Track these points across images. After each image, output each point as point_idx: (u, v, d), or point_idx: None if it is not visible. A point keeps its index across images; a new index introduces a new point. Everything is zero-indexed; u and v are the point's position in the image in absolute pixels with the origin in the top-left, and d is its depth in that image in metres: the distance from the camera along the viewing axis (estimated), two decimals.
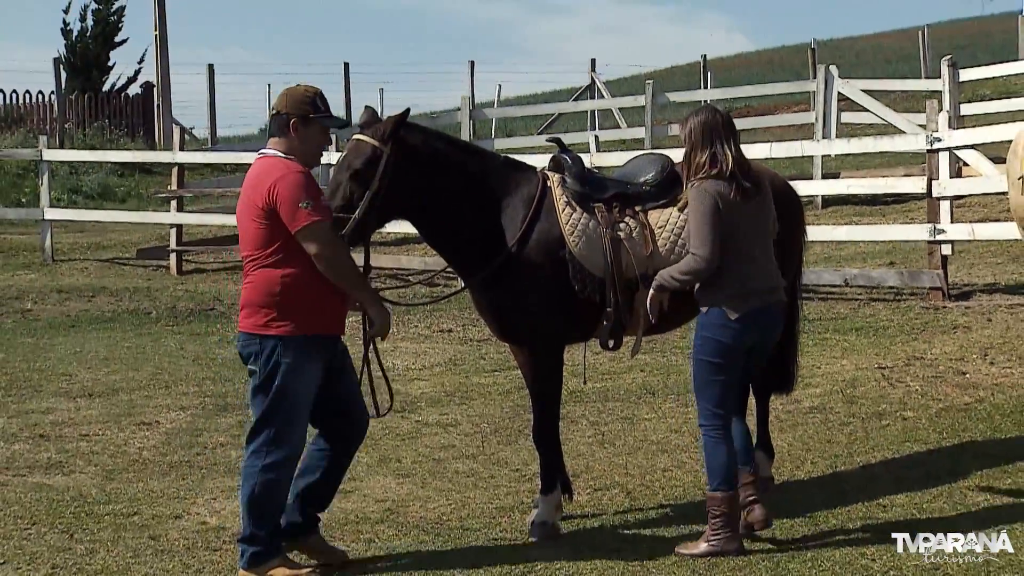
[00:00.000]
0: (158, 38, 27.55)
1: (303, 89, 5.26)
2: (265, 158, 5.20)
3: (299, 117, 5.16)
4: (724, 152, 5.36)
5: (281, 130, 5.18)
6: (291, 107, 5.17)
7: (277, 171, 5.08)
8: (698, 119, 5.45)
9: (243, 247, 5.23)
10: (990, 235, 11.43)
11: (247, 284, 5.20)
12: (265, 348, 5.11)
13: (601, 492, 6.43)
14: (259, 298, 5.13)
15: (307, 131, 5.18)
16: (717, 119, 5.44)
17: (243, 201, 5.20)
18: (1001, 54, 27.46)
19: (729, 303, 5.36)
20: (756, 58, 45.20)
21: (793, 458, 6.82)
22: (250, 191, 5.15)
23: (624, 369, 9.12)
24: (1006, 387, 7.99)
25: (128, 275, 15.53)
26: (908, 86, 21.14)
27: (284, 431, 5.16)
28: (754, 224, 5.41)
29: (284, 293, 5.08)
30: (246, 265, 5.22)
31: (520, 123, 27.94)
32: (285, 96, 5.24)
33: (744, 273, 5.36)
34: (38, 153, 16.93)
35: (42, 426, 8.17)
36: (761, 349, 5.57)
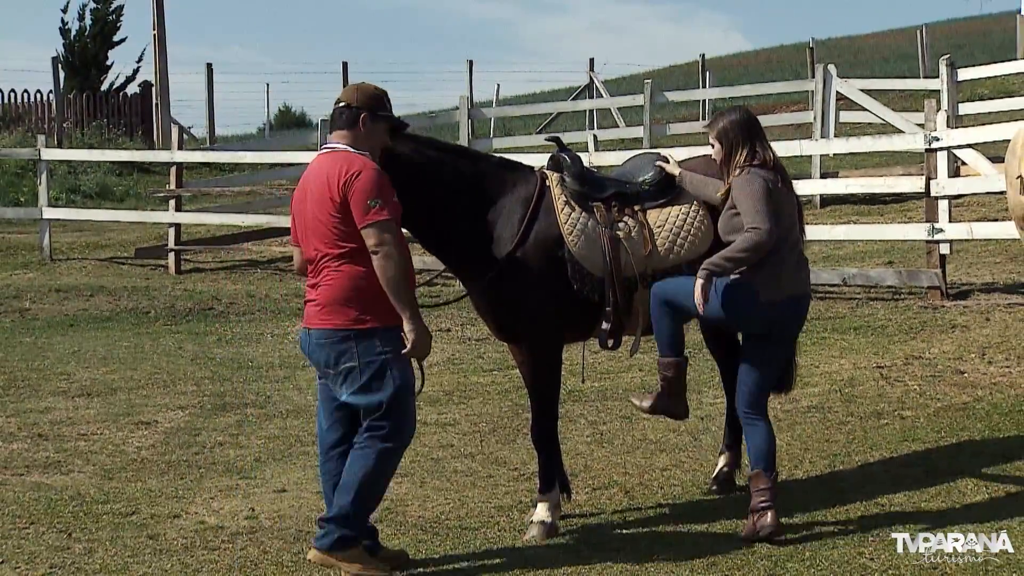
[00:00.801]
0: (156, 37, 27.54)
1: (373, 87, 5.29)
2: (336, 152, 5.14)
3: (369, 112, 5.17)
4: (763, 146, 5.52)
5: (350, 123, 5.16)
6: (362, 101, 5.18)
7: (354, 165, 5.07)
8: (732, 118, 5.57)
9: (314, 243, 5.11)
10: (988, 234, 11.44)
11: (326, 281, 5.09)
12: (364, 343, 5.07)
13: (600, 491, 6.43)
14: (344, 294, 5.06)
15: (374, 127, 5.20)
16: (751, 118, 5.62)
17: (314, 196, 5.09)
18: (999, 54, 27.47)
19: (762, 284, 5.43)
20: (754, 57, 45.21)
21: (792, 457, 6.82)
22: (323, 185, 5.05)
23: (623, 368, 9.13)
24: (1004, 386, 8.00)
25: (126, 274, 15.52)
26: (906, 85, 21.14)
27: (403, 421, 5.17)
28: (790, 215, 5.54)
29: (372, 286, 5.05)
30: (319, 262, 5.11)
31: (519, 122, 27.94)
32: (356, 90, 5.23)
33: (781, 259, 5.45)
34: (36, 152, 16.91)
35: (40, 425, 8.17)
36: (779, 337, 5.58)
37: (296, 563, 5.49)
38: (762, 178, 5.45)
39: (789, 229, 5.54)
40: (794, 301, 5.56)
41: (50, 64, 26.20)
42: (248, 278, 15.10)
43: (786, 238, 5.49)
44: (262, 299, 13.51)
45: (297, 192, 5.28)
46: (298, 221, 5.26)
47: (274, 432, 7.96)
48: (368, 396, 5.10)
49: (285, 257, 15.89)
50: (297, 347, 10.73)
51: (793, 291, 5.53)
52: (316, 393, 8.68)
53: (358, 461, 5.13)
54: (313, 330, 5.16)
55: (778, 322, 5.54)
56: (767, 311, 5.47)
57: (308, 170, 5.24)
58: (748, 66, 40.57)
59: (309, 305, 5.21)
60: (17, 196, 20.19)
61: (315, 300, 5.15)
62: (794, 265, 5.57)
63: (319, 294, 5.13)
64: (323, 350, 5.13)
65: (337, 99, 5.26)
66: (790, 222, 5.55)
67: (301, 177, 5.28)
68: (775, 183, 5.48)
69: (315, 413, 8.34)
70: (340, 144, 5.17)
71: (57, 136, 24.32)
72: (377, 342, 5.09)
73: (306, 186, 5.19)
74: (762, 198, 5.40)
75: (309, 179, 5.18)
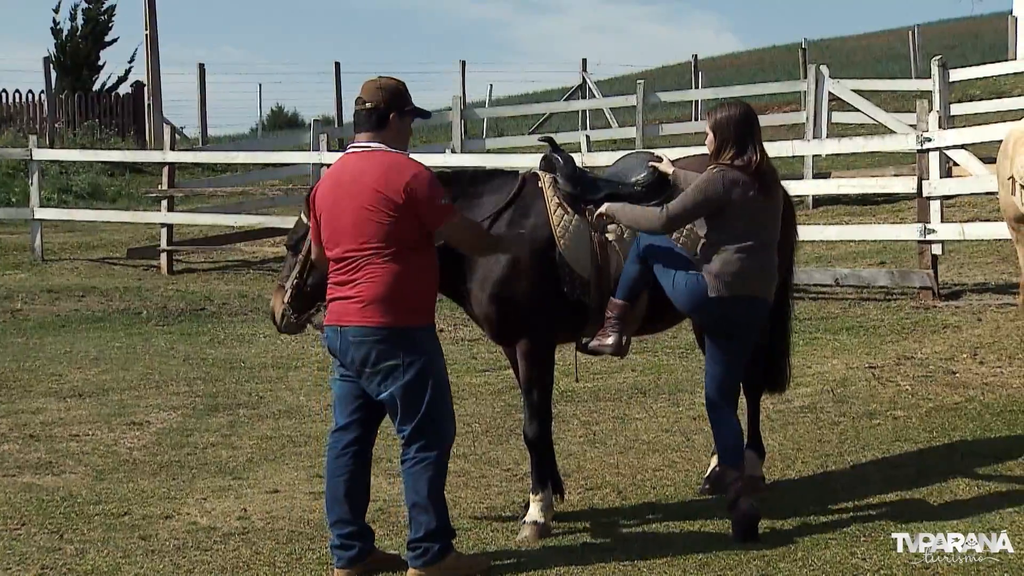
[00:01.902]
0: (148, 37, 27.51)
1: (395, 82, 5.26)
2: (374, 152, 5.12)
3: (397, 112, 5.17)
4: (754, 147, 5.51)
5: (379, 123, 5.14)
6: (389, 100, 5.16)
7: (409, 168, 5.08)
8: (729, 113, 5.57)
9: (353, 241, 5.05)
10: (980, 235, 11.47)
11: (369, 279, 5.04)
12: (408, 341, 5.05)
13: (592, 491, 6.43)
14: (388, 291, 5.02)
15: (402, 123, 5.21)
16: (750, 116, 5.61)
17: (358, 195, 5.04)
18: (991, 54, 27.52)
19: (712, 280, 5.46)
20: (747, 58, 45.20)
21: (784, 457, 6.83)
22: (374, 185, 5.01)
23: (615, 369, 9.13)
24: (996, 386, 8.01)
25: (118, 275, 15.49)
26: (898, 86, 21.18)
27: (444, 423, 5.17)
28: (764, 219, 5.51)
29: (414, 285, 5.06)
30: (357, 260, 5.06)
31: (511, 123, 27.92)
32: (379, 90, 5.19)
33: (737, 259, 5.43)
34: (28, 153, 16.89)
35: (32, 426, 8.15)
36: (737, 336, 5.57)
37: (289, 564, 5.49)
38: (723, 185, 5.42)
39: (755, 233, 5.46)
40: (747, 302, 5.50)
41: (42, 64, 26.19)
42: (240, 279, 15.08)
43: (751, 241, 5.43)
44: (254, 299, 13.49)
45: (324, 192, 5.19)
46: (325, 219, 5.17)
47: (267, 433, 7.95)
48: (409, 395, 5.06)
49: (278, 258, 15.86)
50: (289, 347, 10.83)
51: (748, 292, 5.48)
52: (307, 393, 8.64)
53: (420, 477, 5.10)
54: (350, 327, 5.07)
55: (730, 321, 5.52)
56: (716, 307, 5.47)
57: (339, 170, 5.18)
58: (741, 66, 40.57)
59: (342, 303, 5.10)
60: (8, 196, 20.16)
61: (354, 297, 5.06)
62: (757, 269, 5.49)
63: (360, 291, 5.05)
64: (362, 347, 5.06)
65: (360, 99, 5.20)
66: (756, 227, 5.47)
67: (325, 178, 5.23)
68: (744, 192, 5.42)
69: (307, 414, 8.41)
70: (373, 144, 5.14)
71: (49, 136, 24.28)
72: (420, 341, 5.09)
73: (340, 186, 5.11)
74: (697, 202, 5.43)
75: (344, 179, 5.12)
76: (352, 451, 5.27)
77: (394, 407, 5.11)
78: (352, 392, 5.23)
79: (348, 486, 5.26)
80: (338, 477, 5.27)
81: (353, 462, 5.26)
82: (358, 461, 5.28)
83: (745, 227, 5.45)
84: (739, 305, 5.50)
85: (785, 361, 6.61)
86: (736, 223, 5.45)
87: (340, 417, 5.32)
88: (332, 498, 5.29)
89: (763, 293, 5.59)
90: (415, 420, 5.08)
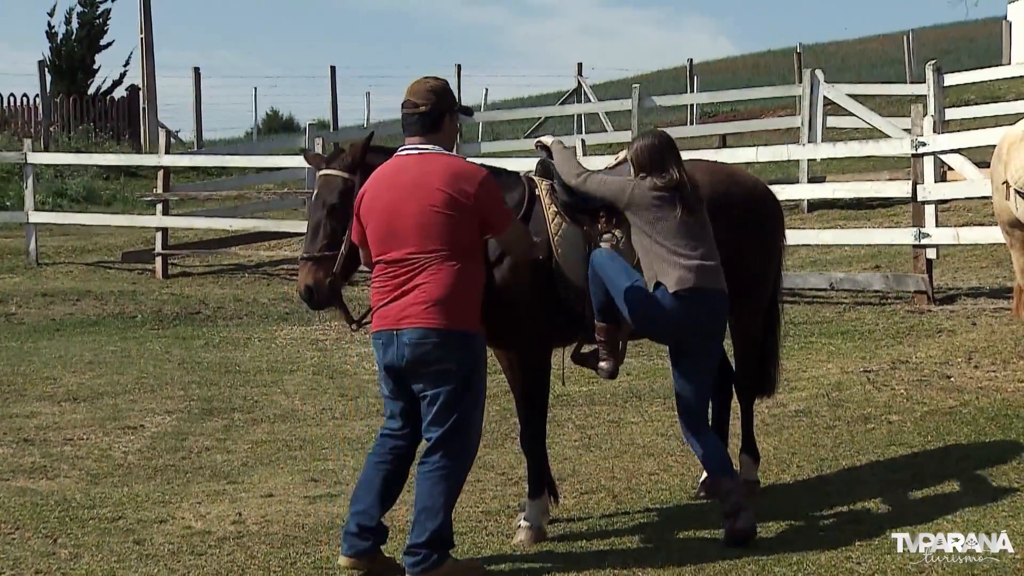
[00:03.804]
0: (144, 41, 27.51)
1: (442, 82, 5.26)
2: (431, 154, 5.11)
3: (449, 111, 5.19)
4: (674, 169, 5.56)
5: (434, 126, 5.14)
6: (442, 102, 5.17)
7: (476, 172, 5.11)
8: (644, 143, 5.67)
9: (414, 243, 5.00)
10: (974, 239, 11.48)
11: (433, 279, 4.98)
12: (465, 346, 5.03)
13: (588, 496, 6.43)
14: (452, 293, 4.98)
15: (452, 123, 5.24)
16: (664, 143, 5.65)
17: (421, 197, 5.00)
18: (985, 59, 27.60)
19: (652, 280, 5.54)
20: (742, 62, 45.28)
21: (779, 461, 6.83)
22: (440, 187, 4.99)
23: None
24: (990, 390, 8.02)
25: (113, 278, 15.48)
26: (893, 90, 21.21)
27: (475, 436, 5.20)
28: (692, 233, 5.52)
29: (472, 290, 5.06)
30: (422, 261, 4.99)
31: (507, 127, 27.93)
32: (431, 92, 5.17)
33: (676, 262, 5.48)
34: (23, 156, 16.87)
35: (26, 430, 8.13)
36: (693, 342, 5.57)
37: (283, 568, 5.48)
38: (638, 189, 5.53)
39: (686, 245, 5.48)
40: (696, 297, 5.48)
41: (36, 68, 26.14)
42: (236, 282, 15.08)
43: (685, 251, 5.47)
44: (249, 303, 13.49)
45: (377, 194, 5.12)
46: (379, 222, 5.09)
47: (261, 437, 7.94)
48: (449, 401, 5.03)
49: (273, 261, 15.88)
50: (284, 351, 10.83)
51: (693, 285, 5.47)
52: (302, 397, 8.62)
53: (437, 485, 5.07)
54: (408, 329, 4.99)
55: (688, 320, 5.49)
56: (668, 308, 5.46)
57: (395, 172, 5.12)
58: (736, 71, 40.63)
59: (399, 305, 5.02)
60: (3, 200, 20.15)
61: (416, 299, 4.99)
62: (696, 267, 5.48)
63: (423, 293, 4.98)
64: (420, 348, 4.99)
65: (410, 102, 5.16)
66: (685, 239, 5.48)
67: (375, 181, 5.14)
68: (661, 199, 5.49)
69: (302, 418, 8.40)
70: (428, 146, 5.13)
71: (44, 140, 24.26)
72: (473, 348, 5.08)
73: (399, 187, 5.06)
74: (610, 188, 5.59)
75: (403, 181, 5.06)
76: (397, 454, 5.25)
77: (429, 408, 5.08)
78: (405, 395, 5.17)
79: (384, 484, 5.22)
80: (378, 472, 5.22)
81: (396, 463, 5.24)
82: (400, 464, 5.26)
83: (676, 240, 5.47)
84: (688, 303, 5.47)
85: (775, 365, 6.61)
86: (662, 235, 5.47)
87: (395, 422, 5.25)
88: (365, 489, 5.22)
89: (710, 284, 5.53)
90: (445, 427, 5.06)
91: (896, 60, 29.72)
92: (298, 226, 15.94)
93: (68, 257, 16.79)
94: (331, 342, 11.22)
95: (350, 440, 7.75)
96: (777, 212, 6.51)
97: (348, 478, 6.88)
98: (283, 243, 16.62)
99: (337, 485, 6.79)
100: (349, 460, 7.29)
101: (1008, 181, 7.51)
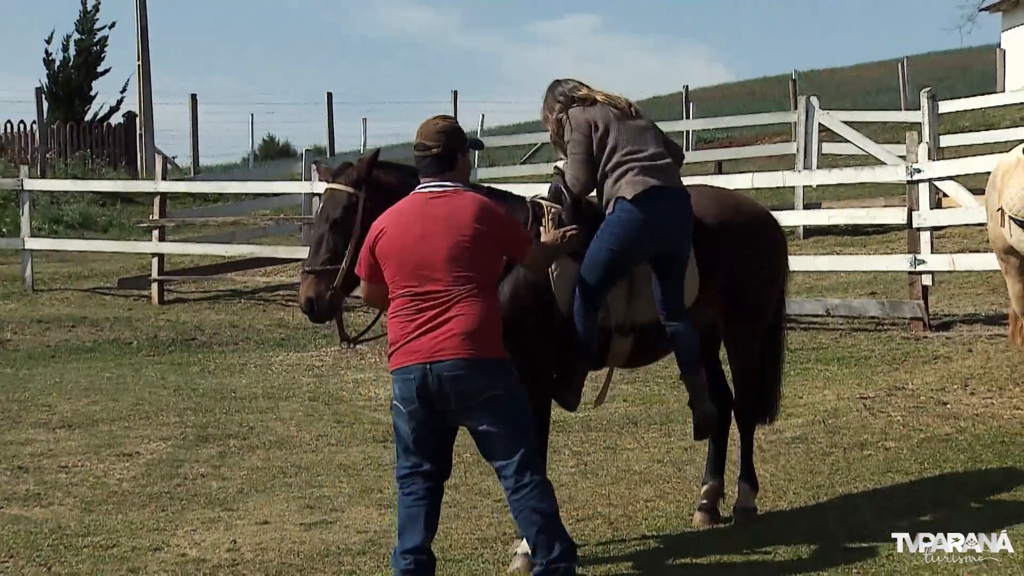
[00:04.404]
0: (141, 68, 27.59)
1: (451, 123, 5.38)
2: (464, 191, 5.25)
3: (460, 149, 5.31)
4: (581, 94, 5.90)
5: (448, 165, 5.25)
6: (453, 142, 5.28)
7: (499, 208, 5.31)
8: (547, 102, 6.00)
9: (450, 274, 5.03)
10: (970, 266, 11.50)
11: (465, 311, 5.01)
12: (506, 372, 5.10)
13: (584, 522, 6.41)
14: (485, 324, 5.04)
15: (465, 160, 5.35)
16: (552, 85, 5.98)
17: (451, 231, 5.08)
18: (980, 86, 27.71)
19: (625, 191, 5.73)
20: (738, 89, 45.46)
21: (775, 488, 6.81)
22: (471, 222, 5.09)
23: (607, 399, 9.10)
24: (987, 417, 8.01)
25: (109, 305, 15.47)
26: (888, 117, 21.29)
27: (535, 451, 5.24)
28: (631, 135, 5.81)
29: (498, 319, 5.14)
30: (455, 292, 5.02)
31: (503, 153, 27.98)
32: (441, 133, 5.27)
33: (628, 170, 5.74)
34: (19, 183, 16.89)
35: (21, 458, 8.11)
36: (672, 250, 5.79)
37: None
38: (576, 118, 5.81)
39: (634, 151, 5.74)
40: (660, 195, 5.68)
41: (34, 94, 26.19)
42: (232, 308, 15.06)
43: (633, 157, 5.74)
44: (245, 329, 13.47)
45: (404, 229, 5.13)
46: (405, 256, 5.09)
47: (257, 463, 7.91)
48: (512, 424, 5.05)
49: (269, 287, 15.87)
50: (280, 377, 10.81)
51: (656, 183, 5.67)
52: (298, 423, 8.58)
53: (545, 500, 5.05)
54: (447, 361, 4.97)
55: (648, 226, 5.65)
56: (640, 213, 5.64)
57: (422, 207, 5.16)
58: (731, 97, 40.78)
59: (431, 338, 5.00)
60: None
61: (450, 330, 4.99)
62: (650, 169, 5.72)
63: (458, 324, 5.00)
64: (463, 380, 4.98)
65: (423, 144, 5.26)
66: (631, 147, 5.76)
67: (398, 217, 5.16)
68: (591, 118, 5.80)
69: (298, 444, 8.38)
70: (448, 183, 5.22)
71: (40, 166, 24.26)
72: (510, 372, 5.13)
73: (430, 220, 5.10)
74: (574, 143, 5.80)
75: (436, 214, 5.12)
76: (430, 486, 5.18)
77: (494, 439, 5.06)
78: (431, 443, 5.13)
79: (427, 518, 5.15)
80: (417, 508, 5.14)
81: (431, 496, 5.18)
82: (437, 500, 5.22)
83: (623, 151, 5.73)
84: (654, 202, 5.65)
85: (776, 392, 6.61)
86: (612, 151, 5.73)
87: (413, 458, 5.16)
88: (410, 526, 5.14)
89: (664, 182, 5.73)
90: (523, 448, 5.07)
91: (891, 87, 29.86)
92: (294, 252, 15.95)
93: (64, 283, 16.78)
94: (327, 368, 11.20)
95: (346, 467, 7.73)
96: (779, 239, 6.52)
97: (344, 505, 6.86)
98: (279, 269, 16.63)
99: (333, 512, 6.76)
100: (345, 487, 7.27)
101: (1003, 208, 7.53)
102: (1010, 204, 7.40)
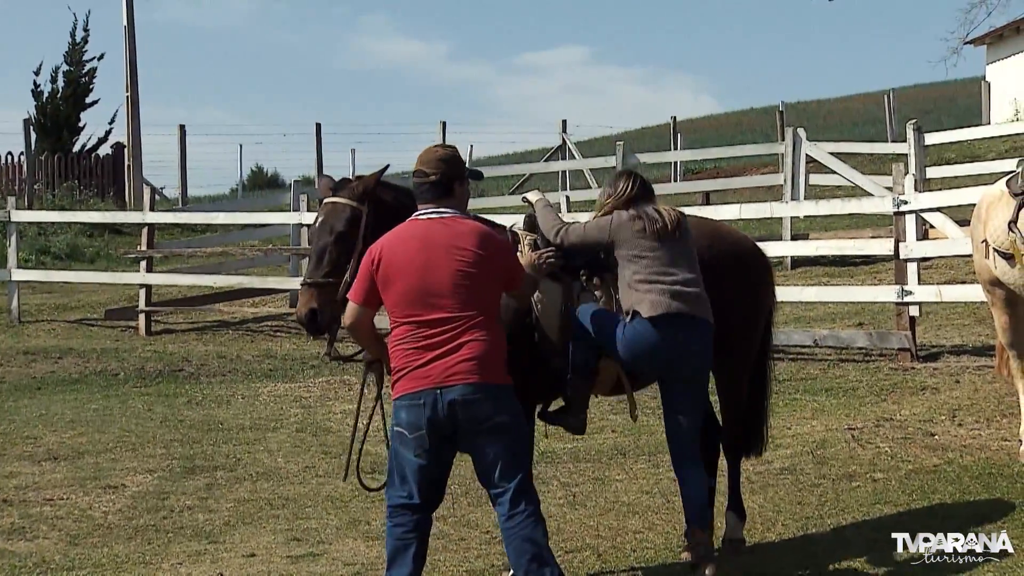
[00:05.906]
0: (129, 99, 27.62)
1: (450, 151, 5.40)
2: (463, 218, 5.26)
3: (459, 179, 5.32)
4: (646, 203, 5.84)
5: (446, 193, 5.26)
6: (452, 171, 5.29)
7: (497, 234, 5.39)
8: (618, 179, 5.98)
9: (457, 301, 5.04)
10: (956, 297, 11.54)
11: (476, 338, 5.03)
12: (510, 398, 5.11)
13: (572, 554, 6.39)
14: (494, 351, 5.07)
15: (463, 189, 5.36)
16: (636, 176, 5.96)
17: (462, 257, 5.08)
18: (965, 118, 27.91)
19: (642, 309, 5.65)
20: (725, 120, 45.72)
21: (764, 520, 6.80)
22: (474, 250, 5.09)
23: (595, 429, 9.10)
24: (974, 448, 8.02)
25: (96, 336, 15.41)
26: (875, 149, 21.40)
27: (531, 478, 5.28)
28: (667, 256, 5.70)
29: (504, 346, 5.17)
30: (462, 319, 5.03)
31: (491, 183, 28.04)
32: (441, 162, 5.28)
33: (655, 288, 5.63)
34: (6, 214, 16.83)
35: (5, 491, 8.05)
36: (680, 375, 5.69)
37: None
38: (622, 217, 5.76)
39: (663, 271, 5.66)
40: (679, 323, 5.58)
41: (22, 126, 26.18)
42: (219, 339, 15.02)
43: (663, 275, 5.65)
44: (233, 360, 13.43)
45: (409, 255, 5.11)
46: (410, 283, 5.07)
47: (244, 495, 7.88)
48: (514, 451, 5.08)
49: (257, 318, 15.84)
50: (268, 408, 10.77)
51: (675, 311, 5.57)
52: (285, 455, 8.56)
53: (536, 528, 5.07)
54: (458, 386, 4.98)
55: (656, 349, 5.57)
56: (653, 337, 5.55)
57: (424, 233, 5.14)
58: (719, 128, 41.01)
59: (442, 364, 5.00)
60: None
61: (461, 356, 5.00)
62: (676, 293, 5.62)
63: (468, 350, 5.01)
64: (473, 406, 4.99)
65: (421, 171, 5.27)
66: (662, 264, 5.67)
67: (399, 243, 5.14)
68: (642, 229, 5.71)
69: (285, 476, 8.34)
70: (446, 210, 5.23)
71: (28, 198, 24.23)
72: (515, 400, 5.15)
73: (434, 247, 5.09)
74: (592, 224, 5.83)
75: (438, 241, 5.10)
76: (419, 519, 5.16)
77: (495, 464, 5.06)
78: (432, 471, 5.12)
79: (416, 550, 5.13)
80: (406, 540, 5.13)
81: (420, 528, 5.17)
82: (424, 527, 5.20)
83: (655, 268, 5.64)
84: (663, 328, 5.56)
85: (764, 423, 6.61)
86: (643, 264, 5.65)
87: (422, 488, 5.13)
88: (398, 558, 5.12)
89: (687, 310, 5.62)
90: (521, 475, 5.09)
91: (877, 119, 30.03)
92: (283, 283, 15.95)
93: (50, 315, 16.72)
94: (315, 399, 11.17)
95: (333, 499, 7.70)
96: (763, 269, 6.52)
97: (331, 537, 6.82)
98: (267, 300, 16.60)
99: (320, 544, 6.73)
100: (332, 519, 7.23)
101: (987, 240, 7.56)
102: (994, 236, 7.43)
